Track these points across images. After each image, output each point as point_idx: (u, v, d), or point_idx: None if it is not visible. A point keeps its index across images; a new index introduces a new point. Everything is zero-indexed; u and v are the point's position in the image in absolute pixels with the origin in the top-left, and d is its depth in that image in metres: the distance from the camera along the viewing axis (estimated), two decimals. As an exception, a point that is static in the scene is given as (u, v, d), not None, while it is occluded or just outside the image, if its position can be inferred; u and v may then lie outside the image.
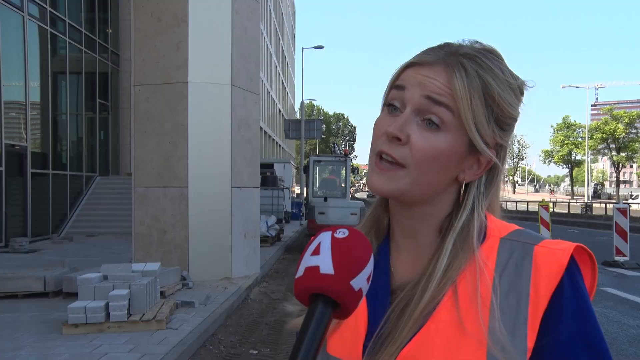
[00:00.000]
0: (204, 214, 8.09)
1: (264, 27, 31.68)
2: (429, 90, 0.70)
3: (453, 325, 0.68)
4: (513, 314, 0.67)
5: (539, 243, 0.71)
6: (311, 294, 0.59)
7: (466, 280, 0.70)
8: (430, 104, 0.70)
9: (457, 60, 0.71)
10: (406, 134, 0.70)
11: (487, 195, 0.76)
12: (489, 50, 0.74)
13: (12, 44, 13.29)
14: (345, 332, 0.76)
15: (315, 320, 0.57)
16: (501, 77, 0.72)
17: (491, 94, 0.71)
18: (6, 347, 4.78)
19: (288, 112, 54.10)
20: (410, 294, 0.72)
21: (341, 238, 0.61)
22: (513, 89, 0.73)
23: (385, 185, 0.72)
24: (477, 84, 0.70)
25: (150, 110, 8.15)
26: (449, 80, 0.70)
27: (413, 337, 0.69)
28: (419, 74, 0.72)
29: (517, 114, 0.75)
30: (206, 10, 8.18)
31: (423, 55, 0.73)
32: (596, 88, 78.92)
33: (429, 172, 0.71)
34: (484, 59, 0.72)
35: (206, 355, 5.07)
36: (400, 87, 0.73)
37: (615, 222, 10.53)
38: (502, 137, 0.74)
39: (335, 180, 15.65)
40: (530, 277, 0.68)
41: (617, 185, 61.28)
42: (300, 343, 0.56)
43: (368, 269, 0.61)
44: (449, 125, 0.70)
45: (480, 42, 0.75)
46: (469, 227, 0.73)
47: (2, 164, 12.49)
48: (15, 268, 8.48)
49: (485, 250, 0.72)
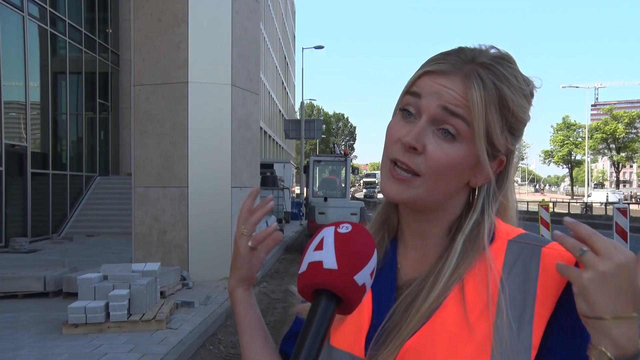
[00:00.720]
0: (204, 213, 8.09)
1: (264, 27, 31.68)
2: (446, 100, 0.71)
3: (458, 320, 0.69)
4: (519, 313, 0.68)
5: (546, 245, 0.72)
6: (315, 290, 0.59)
7: (473, 278, 0.71)
8: (446, 114, 0.71)
9: (474, 70, 0.71)
10: (422, 144, 0.71)
11: (497, 197, 0.77)
12: (504, 58, 0.74)
13: (12, 44, 13.29)
14: (349, 324, 0.76)
15: (319, 316, 0.57)
16: (516, 85, 0.73)
17: (506, 103, 0.71)
18: (6, 347, 4.77)
19: (288, 112, 54.10)
20: (418, 290, 0.73)
21: (344, 233, 0.61)
22: (525, 95, 0.74)
23: (400, 194, 0.73)
24: (493, 95, 0.71)
25: (150, 110, 8.15)
26: (465, 91, 0.70)
27: (417, 331, 0.70)
28: (436, 83, 0.72)
29: (528, 118, 0.76)
30: (206, 10, 8.18)
31: (440, 64, 0.73)
32: (596, 88, 78.96)
33: (444, 180, 0.72)
34: (499, 68, 0.72)
35: (206, 355, 5.07)
36: (416, 95, 0.73)
37: (615, 222, 10.52)
38: (513, 143, 0.76)
39: (335, 180, 15.64)
40: (537, 278, 0.69)
41: (617, 185, 61.30)
42: (304, 339, 0.56)
43: (371, 264, 0.61)
44: (464, 135, 0.71)
45: (496, 47, 0.75)
46: (479, 228, 0.74)
47: (2, 164, 12.48)
48: (15, 268, 8.48)
49: (494, 251, 0.73)
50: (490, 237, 0.74)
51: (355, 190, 51.71)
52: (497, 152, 0.74)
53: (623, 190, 59.04)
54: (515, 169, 0.79)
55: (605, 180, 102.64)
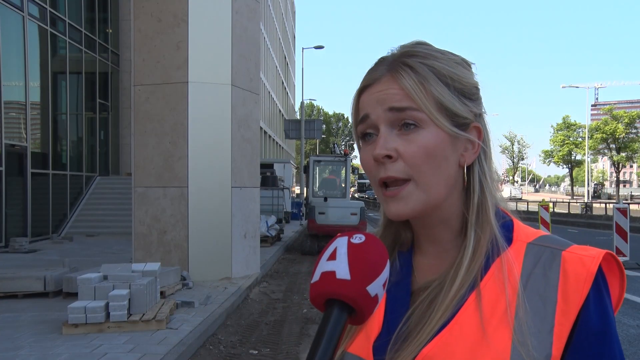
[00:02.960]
0: (204, 214, 8.09)
1: (264, 27, 31.68)
2: (389, 102, 0.71)
3: (477, 329, 0.67)
4: (539, 320, 0.66)
5: (566, 249, 0.69)
6: (327, 299, 0.60)
7: (491, 283, 0.69)
8: (396, 113, 0.71)
9: (398, 62, 0.72)
10: (393, 149, 0.70)
11: (490, 169, 0.77)
12: (419, 43, 0.75)
13: (12, 44, 13.29)
14: (360, 328, 0.76)
15: (331, 326, 0.58)
16: (442, 57, 0.73)
17: (443, 73, 0.72)
18: (6, 347, 4.78)
19: (288, 112, 54.10)
20: (434, 294, 0.72)
21: (358, 244, 0.61)
22: (459, 63, 0.75)
23: (404, 209, 0.71)
24: (425, 72, 0.71)
25: (150, 110, 8.15)
26: (399, 82, 0.71)
27: (434, 337, 0.68)
28: (374, 93, 0.73)
29: (476, 82, 0.76)
30: (206, 10, 8.18)
31: (369, 76, 0.74)
32: (596, 88, 78.92)
33: (432, 170, 0.71)
34: (420, 50, 0.73)
35: (206, 355, 5.07)
36: (365, 117, 0.73)
37: (615, 222, 10.53)
38: (476, 107, 0.75)
39: (335, 180, 15.63)
40: (558, 284, 0.67)
41: (617, 185, 61.25)
42: (316, 348, 0.56)
43: (384, 275, 0.61)
44: (423, 119, 0.70)
45: (405, 43, 0.76)
46: (484, 207, 0.74)
47: (2, 164, 12.49)
48: (15, 268, 8.48)
49: (512, 255, 0.71)
50: (506, 239, 0.72)
51: (356, 190, 51.69)
52: (465, 119, 0.73)
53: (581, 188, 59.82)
54: (490, 132, 0.78)
55: (605, 180, 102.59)
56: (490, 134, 0.78)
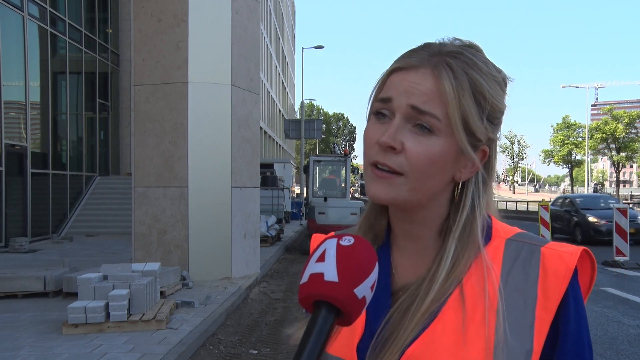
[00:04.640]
0: (204, 214, 8.09)
1: (264, 27, 31.68)
2: (414, 99, 0.69)
3: (459, 327, 0.67)
4: (520, 315, 0.67)
5: (544, 245, 0.71)
6: (315, 301, 0.60)
7: (472, 280, 0.70)
8: (416, 113, 0.70)
9: (442, 60, 0.70)
10: (400, 142, 0.69)
11: (486, 191, 0.76)
12: (470, 46, 0.74)
13: (12, 44, 13.28)
14: (343, 330, 0.75)
15: (318, 327, 0.58)
16: (486, 71, 0.72)
17: (480, 90, 0.70)
18: (6, 347, 4.78)
19: (288, 112, 54.09)
20: (414, 294, 0.72)
21: (346, 246, 0.62)
22: (498, 82, 0.73)
23: (386, 194, 0.71)
24: (465, 82, 0.69)
25: (150, 110, 8.15)
26: (436, 83, 0.69)
27: (418, 337, 0.69)
28: (405, 81, 0.71)
29: (504, 107, 0.75)
30: (206, 10, 8.18)
31: (407, 59, 0.72)
32: (596, 88, 78.93)
33: (427, 177, 0.70)
34: (468, 55, 0.72)
35: (206, 355, 5.07)
36: (387, 100, 0.72)
37: (615, 222, 10.52)
38: (493, 132, 0.74)
39: (335, 180, 15.63)
40: (537, 279, 0.68)
41: (617, 185, 61.21)
42: (302, 350, 0.56)
43: (372, 277, 0.61)
44: (440, 128, 0.69)
45: (460, 39, 0.75)
46: (472, 226, 0.73)
47: (2, 164, 12.48)
48: (15, 268, 8.48)
49: (491, 251, 0.72)
50: (485, 236, 0.73)
51: (356, 190, 51.64)
52: (478, 141, 0.72)
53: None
54: (497, 158, 0.78)
55: (605, 180, 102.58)
56: (495, 160, 0.77)
